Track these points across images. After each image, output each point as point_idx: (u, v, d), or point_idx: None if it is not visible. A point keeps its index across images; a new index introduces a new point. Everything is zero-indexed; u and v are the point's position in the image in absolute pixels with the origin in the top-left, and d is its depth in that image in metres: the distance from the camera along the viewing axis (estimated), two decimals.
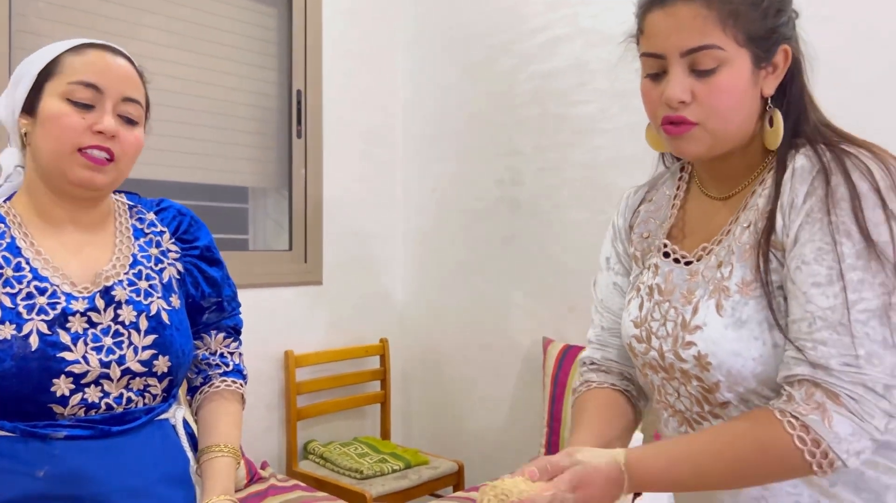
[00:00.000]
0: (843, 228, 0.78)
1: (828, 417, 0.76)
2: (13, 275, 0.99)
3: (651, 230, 1.02)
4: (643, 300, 0.97)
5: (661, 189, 1.04)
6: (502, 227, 2.61)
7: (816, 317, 0.78)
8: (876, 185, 0.78)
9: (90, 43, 1.05)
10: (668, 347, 0.90)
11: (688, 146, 0.87)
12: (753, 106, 0.86)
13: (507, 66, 2.59)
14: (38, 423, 0.97)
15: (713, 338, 0.85)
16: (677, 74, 0.84)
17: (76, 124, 1.00)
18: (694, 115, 0.84)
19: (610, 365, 1.06)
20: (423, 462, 2.49)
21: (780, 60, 0.86)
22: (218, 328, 1.21)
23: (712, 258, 0.90)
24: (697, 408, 0.91)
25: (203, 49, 2.37)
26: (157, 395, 1.07)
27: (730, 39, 0.82)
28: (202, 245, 1.18)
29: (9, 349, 0.95)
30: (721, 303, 0.86)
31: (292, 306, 2.58)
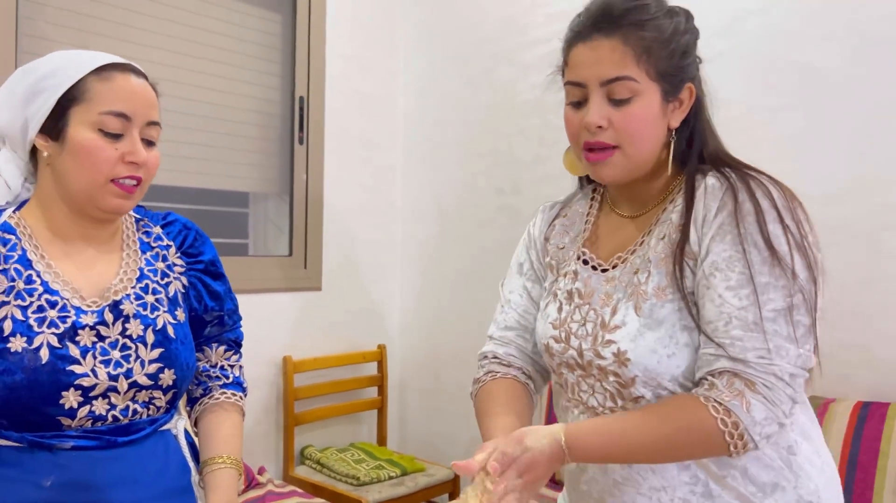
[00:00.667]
0: (751, 239, 0.89)
1: (746, 402, 0.86)
2: (24, 287, 1.00)
3: (566, 243, 1.12)
4: (562, 304, 1.06)
5: (575, 206, 1.15)
6: (502, 236, 2.62)
7: (732, 317, 0.89)
8: (775, 203, 0.91)
9: (112, 64, 1.04)
10: (588, 346, 0.99)
11: (606, 171, 0.97)
12: (661, 135, 0.98)
13: (508, 76, 2.60)
14: (46, 434, 0.98)
15: (631, 336, 0.95)
16: (596, 102, 0.94)
17: (111, 157, 1.01)
18: (611, 139, 0.95)
19: (511, 359, 1.13)
20: (420, 469, 2.50)
21: (685, 97, 0.98)
22: (219, 341, 1.22)
23: (628, 266, 1.00)
24: (611, 403, 0.99)
25: (207, 55, 2.38)
26: (161, 407, 1.09)
27: (643, 73, 0.93)
28: (206, 259, 1.19)
29: (20, 362, 0.96)
30: (639, 304, 0.96)
31: (291, 311, 2.59)
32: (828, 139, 1.86)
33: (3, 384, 0.95)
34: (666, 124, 0.97)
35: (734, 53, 2.01)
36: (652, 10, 0.94)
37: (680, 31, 0.96)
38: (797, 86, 1.91)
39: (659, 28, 0.93)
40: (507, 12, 2.60)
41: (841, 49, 1.83)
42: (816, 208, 0.98)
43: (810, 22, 1.89)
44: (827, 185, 1.84)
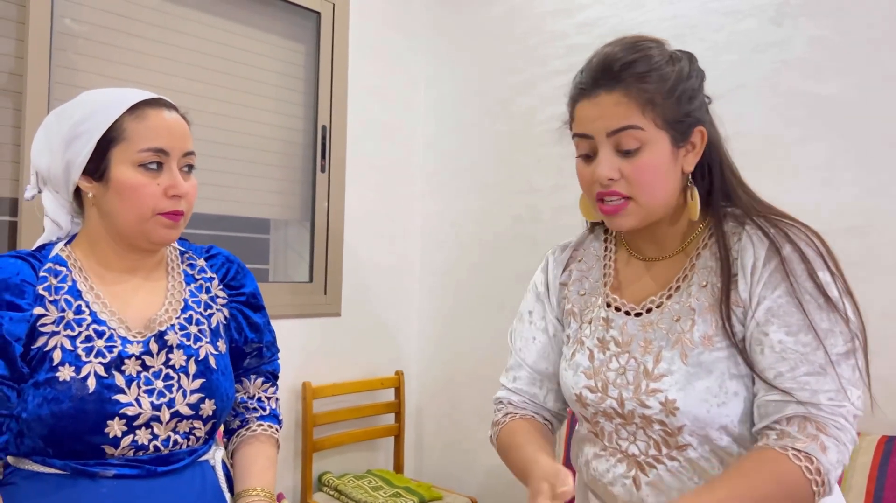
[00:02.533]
0: (805, 287, 0.91)
1: (821, 446, 0.87)
2: (74, 317, 1.03)
3: (587, 288, 1.10)
4: (593, 352, 1.04)
5: (588, 250, 1.14)
6: (519, 263, 2.64)
7: (798, 362, 0.89)
8: (820, 251, 0.93)
9: (144, 101, 1.07)
10: (630, 395, 0.98)
11: (622, 220, 0.98)
12: (676, 181, 0.98)
13: (527, 107, 2.64)
14: (89, 462, 1.00)
15: (680, 385, 0.94)
16: (605, 154, 0.95)
17: (154, 192, 1.05)
18: (623, 190, 0.95)
19: (526, 406, 1.14)
20: (437, 497, 2.49)
21: (696, 140, 0.98)
22: (257, 373, 1.24)
23: (666, 311, 0.99)
24: (655, 451, 0.98)
25: (232, 84, 2.43)
26: (200, 438, 1.10)
27: (649, 122, 0.93)
28: (248, 292, 1.21)
29: (67, 390, 0.98)
30: (685, 352, 0.95)
31: (311, 337, 2.60)
32: (849, 171, 1.88)
33: (51, 412, 0.97)
34: (679, 170, 0.97)
35: (753, 85, 2.03)
36: (653, 61, 0.94)
37: (683, 78, 0.96)
38: (817, 118, 1.93)
39: (661, 78, 0.94)
40: (527, 43, 2.64)
41: (861, 81, 1.86)
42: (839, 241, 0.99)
43: (830, 54, 1.91)
44: (849, 217, 1.85)
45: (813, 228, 0.96)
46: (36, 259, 1.06)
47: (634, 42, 0.97)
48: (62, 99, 2.01)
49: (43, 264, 1.06)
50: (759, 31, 2.04)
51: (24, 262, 1.04)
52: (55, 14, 2.00)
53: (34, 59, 1.96)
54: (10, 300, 0.99)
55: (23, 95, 1.95)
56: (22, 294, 1.00)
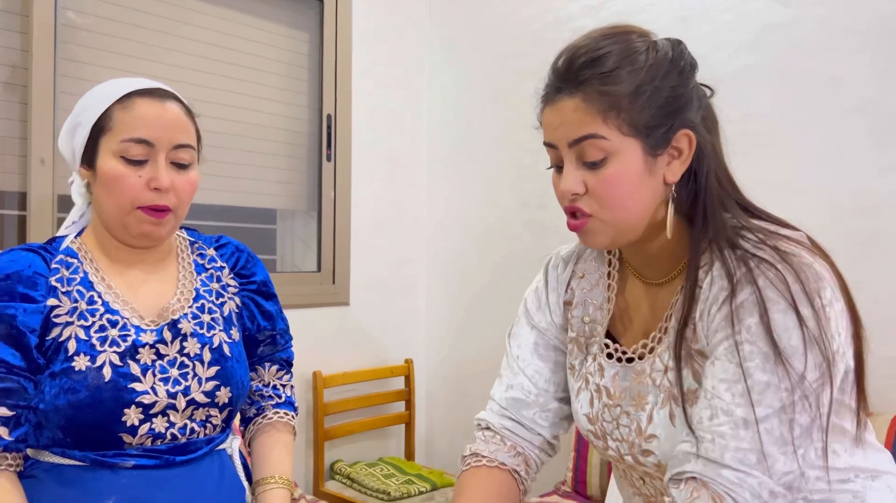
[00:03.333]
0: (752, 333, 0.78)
1: None
2: (87, 308, 1.03)
3: (591, 315, 0.99)
4: (592, 396, 0.96)
5: (590, 263, 1.02)
6: (527, 250, 2.64)
7: (719, 411, 0.78)
8: (787, 291, 0.78)
9: (136, 91, 1.05)
10: (626, 451, 0.91)
11: (589, 238, 0.87)
12: (654, 193, 0.85)
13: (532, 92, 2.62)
14: (108, 453, 1.00)
15: (668, 449, 0.85)
16: (569, 167, 0.84)
17: (134, 184, 1.02)
18: (587, 207, 0.84)
19: (506, 434, 1.01)
20: (449, 484, 2.50)
21: (682, 145, 0.84)
22: (272, 361, 1.24)
23: (656, 360, 0.89)
24: (663, 497, 0.92)
25: (236, 74, 2.42)
26: (217, 426, 1.10)
27: (612, 129, 0.81)
28: (259, 280, 1.21)
29: (83, 380, 0.98)
30: (673, 412, 0.86)
31: (320, 327, 2.60)
32: (859, 151, 1.86)
33: (68, 402, 0.97)
34: (659, 180, 0.84)
35: (762, 66, 2.02)
36: (611, 62, 0.81)
37: (659, 75, 0.82)
38: (827, 98, 1.92)
39: (630, 76, 0.81)
40: (532, 28, 2.63)
41: (871, 61, 1.84)
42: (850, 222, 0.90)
43: (840, 34, 1.89)
44: (859, 197, 1.84)
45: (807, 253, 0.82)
46: (47, 251, 1.06)
47: (602, 35, 0.84)
48: (68, 92, 2.01)
49: (54, 256, 1.06)
50: (767, 11, 2.02)
51: (36, 255, 1.04)
52: (58, 6, 1.99)
53: (39, 52, 1.95)
54: (24, 292, 0.99)
55: (28, 89, 1.95)
56: (35, 286, 1.00)
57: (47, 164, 1.98)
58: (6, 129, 1.95)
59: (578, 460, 2.25)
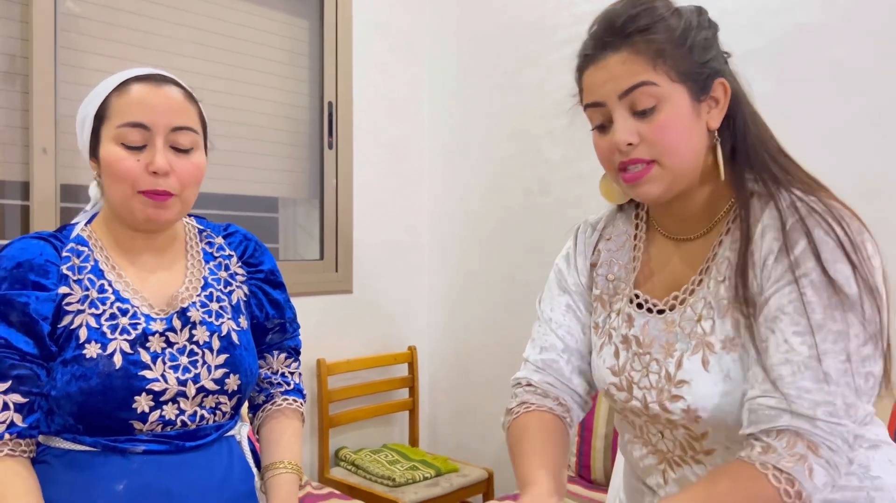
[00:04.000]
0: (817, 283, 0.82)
1: (809, 468, 0.78)
2: (97, 296, 1.03)
3: (616, 273, 1.03)
4: (618, 348, 0.98)
5: (618, 226, 1.06)
6: (530, 236, 2.64)
7: (801, 366, 0.80)
8: (840, 241, 0.82)
9: (134, 77, 1.05)
10: (653, 398, 0.93)
11: (649, 188, 0.89)
12: (701, 139, 0.89)
13: (536, 78, 2.62)
14: (119, 438, 1.01)
15: (702, 393, 0.88)
16: (621, 118, 0.87)
17: (133, 168, 1.02)
18: (646, 154, 0.87)
19: (547, 388, 1.04)
20: (453, 469, 2.52)
21: (719, 94, 0.89)
22: (280, 349, 1.24)
23: (688, 310, 0.92)
24: (680, 452, 0.94)
25: (236, 62, 2.41)
26: (226, 413, 1.11)
27: (662, 76, 0.86)
28: (266, 269, 1.22)
29: (95, 367, 0.98)
30: (706, 358, 0.88)
31: (324, 315, 2.61)
32: (863, 135, 1.86)
33: (80, 389, 0.98)
34: (703, 126, 0.89)
35: (765, 50, 2.01)
36: (657, 13, 0.87)
37: (693, 27, 0.88)
38: (830, 82, 1.91)
39: (669, 28, 0.86)
40: (533, 14, 2.62)
41: (875, 45, 1.84)
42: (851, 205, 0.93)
43: (842, 18, 1.89)
44: (863, 181, 1.84)
45: (843, 208, 0.87)
46: (58, 239, 1.06)
47: (631, 3, 0.89)
48: (68, 81, 2.01)
49: (65, 244, 1.06)
50: None
51: (47, 243, 1.04)
52: None
53: (39, 41, 1.94)
54: (36, 280, 1.00)
55: (29, 78, 1.94)
56: (46, 274, 1.01)
57: (49, 154, 1.97)
58: (7, 118, 1.94)
59: (582, 445, 2.26)
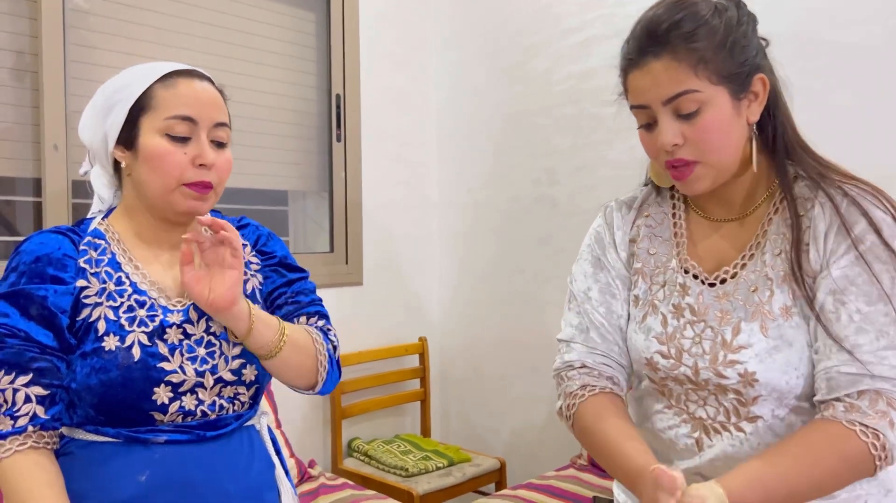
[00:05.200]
0: (881, 258, 0.89)
1: (891, 422, 0.85)
2: (115, 289, 1.04)
3: (657, 248, 1.08)
4: (665, 317, 1.02)
5: (654, 205, 1.11)
6: (539, 227, 2.64)
7: (878, 334, 0.87)
8: (888, 212, 0.90)
9: (176, 71, 1.08)
10: (706, 364, 0.97)
11: (692, 185, 0.96)
12: (742, 134, 0.95)
13: (543, 67, 2.61)
14: (140, 429, 1.02)
15: (760, 357, 0.93)
16: (665, 122, 0.93)
17: (180, 161, 1.04)
18: (690, 154, 0.93)
19: (603, 369, 1.08)
20: (466, 459, 2.53)
21: (758, 89, 0.95)
22: (299, 315, 1.20)
23: (741, 282, 0.97)
24: (723, 417, 0.97)
25: (243, 55, 2.41)
26: (245, 403, 1.12)
27: (704, 81, 0.90)
28: (280, 255, 1.22)
29: (114, 359, 0.99)
30: (765, 325, 0.94)
31: (335, 307, 2.62)
32: (876, 120, 1.85)
33: (100, 381, 0.99)
34: (743, 122, 0.95)
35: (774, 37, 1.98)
36: (699, 17, 0.91)
37: (734, 26, 0.92)
38: (842, 67, 1.90)
39: (710, 32, 0.90)
40: (540, 2, 2.61)
41: (885, 29, 1.82)
42: None
43: (853, 2, 1.88)
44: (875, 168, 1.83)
45: (881, 190, 0.94)
46: (75, 233, 1.07)
47: (672, 4, 0.93)
48: (78, 77, 2.01)
49: (82, 238, 1.07)
50: None
51: (65, 237, 1.05)
52: None
53: (48, 37, 1.95)
54: (54, 274, 1.01)
55: (39, 75, 1.95)
56: (65, 268, 1.02)
57: (60, 150, 1.98)
58: (18, 115, 1.95)
59: None
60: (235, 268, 1.04)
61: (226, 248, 1.04)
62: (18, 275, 1.00)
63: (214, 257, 1.05)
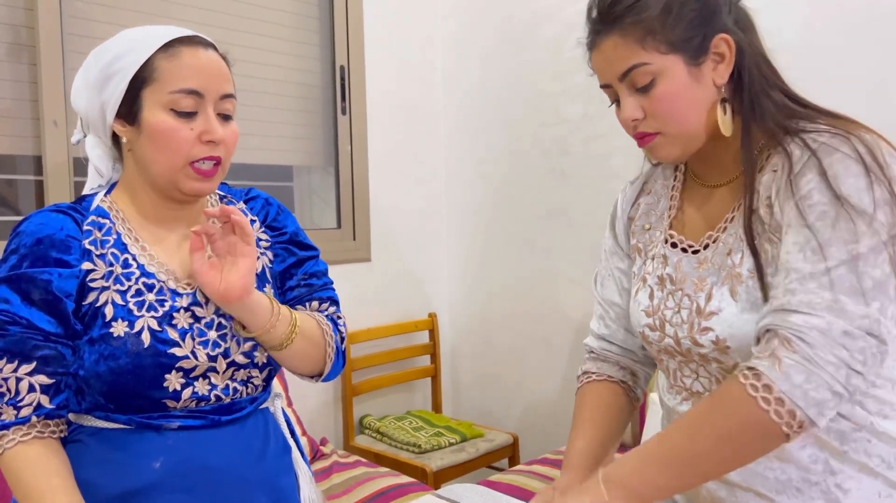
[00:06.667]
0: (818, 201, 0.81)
1: (778, 362, 0.76)
2: (122, 272, 1.00)
3: (652, 222, 1.08)
4: (652, 290, 1.01)
5: (658, 180, 1.10)
6: (550, 199, 2.59)
7: (791, 270, 0.81)
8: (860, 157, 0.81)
9: (179, 39, 1.00)
10: (684, 334, 0.95)
11: (659, 152, 0.95)
12: (706, 99, 0.92)
13: (552, 33, 2.54)
14: (153, 415, 0.99)
15: (729, 322, 0.89)
16: (624, 97, 0.93)
17: (186, 137, 0.98)
18: (651, 127, 0.93)
19: (607, 355, 1.13)
20: (479, 435, 2.51)
21: (723, 50, 0.91)
22: (311, 299, 1.16)
23: (720, 245, 0.94)
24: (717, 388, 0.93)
25: (244, 27, 2.35)
26: (258, 386, 1.08)
27: (652, 53, 0.89)
28: (290, 231, 1.18)
29: (123, 346, 0.95)
30: (735, 289, 0.89)
31: (343, 283, 2.56)
32: None
33: (109, 369, 0.95)
34: (708, 85, 0.91)
35: None
36: None
37: None
38: (863, 23, 1.83)
39: (652, 4, 0.88)
40: None
41: None
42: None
43: None
44: None
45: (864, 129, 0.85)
46: (77, 212, 1.02)
47: None
48: (77, 51, 1.95)
49: (86, 217, 1.02)
50: None
51: (66, 216, 1.00)
52: None
53: (44, 10, 1.89)
54: (58, 257, 0.96)
55: (36, 49, 1.89)
56: (69, 249, 0.97)
57: (60, 127, 1.93)
58: (16, 91, 1.90)
59: None
60: (248, 255, 1.00)
61: (237, 237, 1.00)
62: (20, 257, 0.96)
63: (226, 246, 1.00)
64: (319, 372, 1.14)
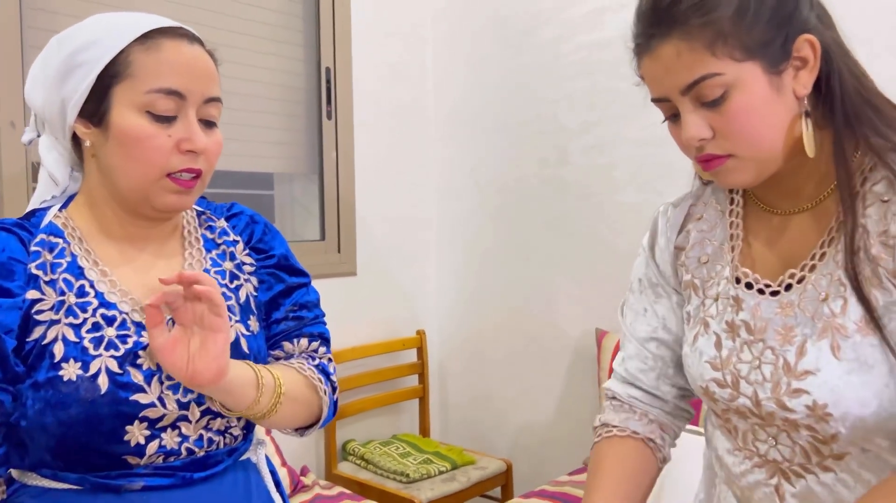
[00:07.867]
0: None
1: None
2: (76, 301, 0.83)
3: (710, 254, 0.91)
4: (719, 337, 0.86)
5: (710, 203, 0.93)
6: (547, 211, 2.46)
7: None
8: None
9: (160, 29, 0.85)
10: (767, 394, 0.80)
11: (729, 178, 0.80)
12: (786, 112, 0.77)
13: (550, 37, 2.41)
14: (111, 473, 0.82)
15: (832, 386, 0.75)
16: (687, 113, 0.78)
17: (163, 146, 0.83)
18: (721, 149, 0.78)
19: (633, 402, 0.97)
20: (470, 461, 2.36)
21: (806, 53, 0.76)
22: (300, 335, 1.02)
23: (808, 288, 0.79)
24: (803, 459, 0.80)
25: (224, 25, 2.19)
26: (237, 436, 0.92)
27: (725, 60, 0.74)
28: (279, 254, 1.02)
29: (75, 392, 0.79)
30: (837, 343, 0.75)
31: (327, 299, 2.38)
32: None
33: (57, 420, 0.78)
34: (789, 97, 0.76)
35: None
36: None
37: None
38: None
39: (721, 2, 0.74)
40: None
41: None
42: None
43: None
44: None
45: None
46: (24, 230, 0.85)
47: None
48: (37, 46, 1.78)
49: (34, 236, 0.85)
50: None
51: (11, 235, 0.83)
52: None
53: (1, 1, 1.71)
54: None
55: None
56: (10, 275, 0.80)
57: (18, 128, 1.76)
58: None
59: None
60: (220, 329, 0.81)
61: (203, 305, 0.81)
62: None
63: (190, 316, 0.82)
64: (308, 426, 0.99)
